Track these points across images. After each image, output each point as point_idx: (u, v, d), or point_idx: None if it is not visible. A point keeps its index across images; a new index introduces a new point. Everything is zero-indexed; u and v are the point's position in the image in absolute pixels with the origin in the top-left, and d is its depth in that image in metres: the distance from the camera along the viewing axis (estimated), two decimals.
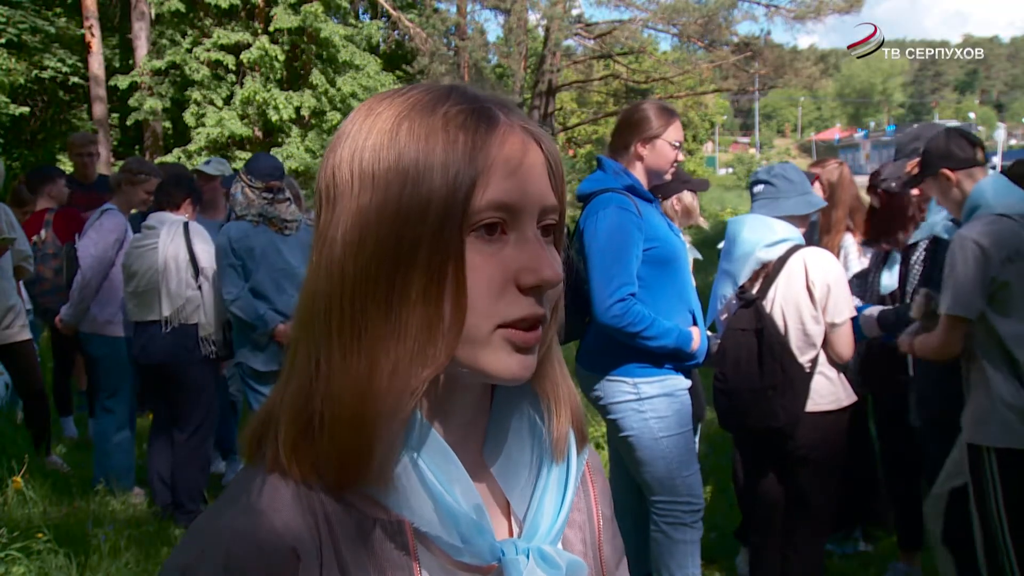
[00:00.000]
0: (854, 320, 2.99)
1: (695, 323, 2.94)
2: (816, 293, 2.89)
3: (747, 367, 2.90)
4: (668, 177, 3.06)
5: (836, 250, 3.69)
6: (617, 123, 3.05)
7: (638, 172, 2.94)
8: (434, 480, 0.65)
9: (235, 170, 5.14)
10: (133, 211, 4.77)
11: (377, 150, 0.65)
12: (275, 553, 0.62)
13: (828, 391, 2.95)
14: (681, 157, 3.04)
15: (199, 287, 4.17)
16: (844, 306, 2.90)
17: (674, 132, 2.92)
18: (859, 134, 57.56)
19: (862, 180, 4.26)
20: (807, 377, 2.92)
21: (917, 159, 3.04)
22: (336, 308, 0.65)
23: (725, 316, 3.09)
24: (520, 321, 0.66)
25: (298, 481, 0.65)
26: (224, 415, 4.82)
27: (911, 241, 3.27)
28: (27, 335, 4.69)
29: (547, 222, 0.69)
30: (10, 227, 4.56)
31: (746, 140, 78.47)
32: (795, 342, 2.92)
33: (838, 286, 2.90)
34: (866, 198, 3.84)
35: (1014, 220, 2.61)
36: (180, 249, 4.15)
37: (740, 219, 3.13)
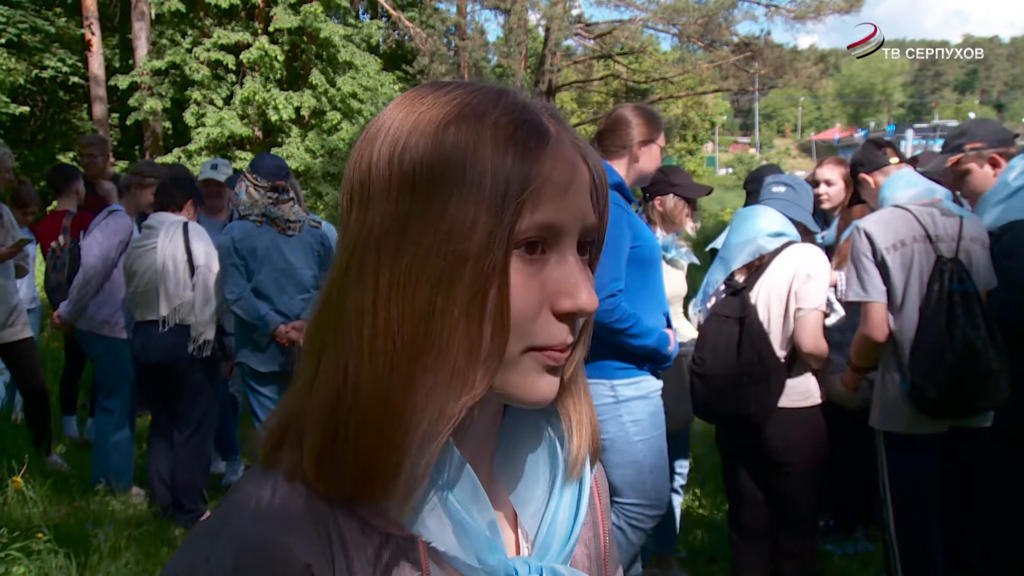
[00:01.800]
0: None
1: (668, 325, 2.96)
2: (795, 283, 2.94)
3: (726, 353, 2.94)
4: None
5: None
6: (610, 123, 3.04)
7: (629, 173, 2.97)
8: (454, 500, 0.63)
9: (237, 170, 5.15)
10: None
11: (421, 151, 0.61)
12: (288, 567, 0.59)
13: (801, 386, 2.98)
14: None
15: (194, 286, 4.17)
16: (815, 296, 2.93)
17: (663, 137, 3.04)
18: (859, 134, 57.47)
19: None
20: (784, 370, 2.95)
21: (958, 155, 3.09)
22: (369, 315, 0.61)
23: (712, 303, 3.13)
24: (551, 346, 0.64)
25: (317, 491, 0.62)
26: (224, 415, 4.82)
27: None
28: (28, 333, 4.71)
29: (585, 241, 0.67)
30: (11, 226, 4.58)
31: (746, 140, 78.40)
32: (776, 334, 2.96)
33: (818, 277, 2.94)
34: None
35: (907, 210, 2.77)
36: (178, 249, 4.15)
37: (747, 209, 3.18)
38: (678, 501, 3.83)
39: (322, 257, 4.21)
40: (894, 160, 3.18)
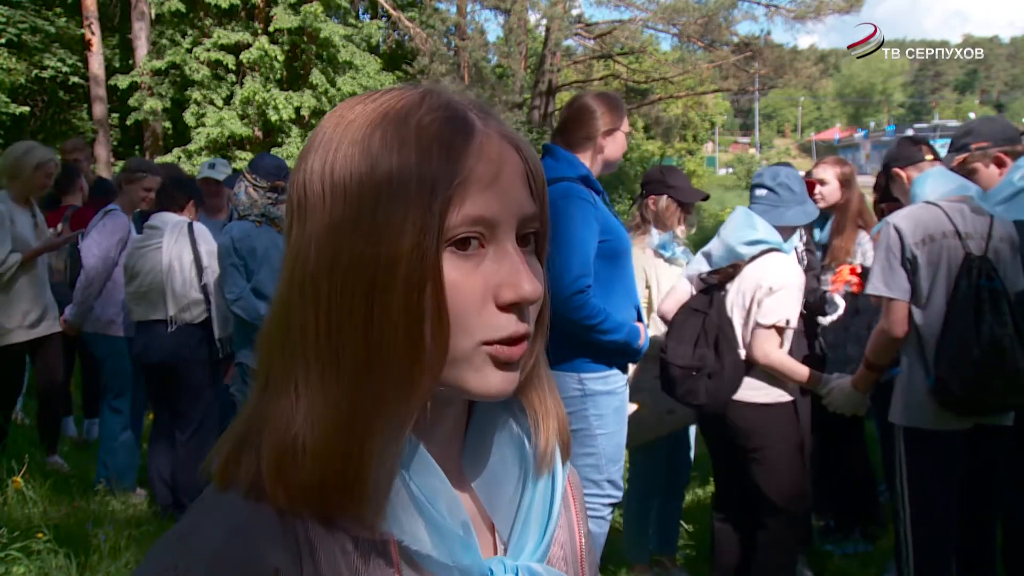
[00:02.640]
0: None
1: (639, 318, 2.97)
2: (758, 294, 2.96)
3: (685, 345, 3.01)
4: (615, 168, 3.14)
5: (852, 249, 3.69)
6: (571, 114, 3.01)
7: (595, 164, 2.96)
8: (422, 497, 0.63)
9: (236, 170, 5.17)
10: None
11: (349, 161, 0.62)
12: (256, 571, 0.59)
13: (763, 384, 3.00)
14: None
15: (204, 286, 4.19)
16: (775, 311, 2.94)
17: (627, 123, 3.03)
18: (859, 134, 57.47)
19: (863, 180, 4.32)
20: (741, 367, 2.99)
21: (964, 155, 3.08)
22: (311, 328, 0.62)
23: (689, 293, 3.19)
24: (503, 340, 0.64)
25: (283, 508, 0.61)
26: (224, 415, 4.82)
27: None
28: (57, 328, 4.71)
29: (527, 231, 0.67)
30: (43, 225, 4.66)
31: (746, 140, 78.35)
32: (738, 333, 3.02)
33: (783, 291, 2.95)
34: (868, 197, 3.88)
35: (937, 206, 2.75)
36: (184, 249, 4.17)
37: (737, 210, 3.20)
38: (682, 500, 3.83)
39: None
40: (929, 157, 3.16)
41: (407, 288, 0.61)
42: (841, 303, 3.23)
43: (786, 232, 3.09)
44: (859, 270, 3.59)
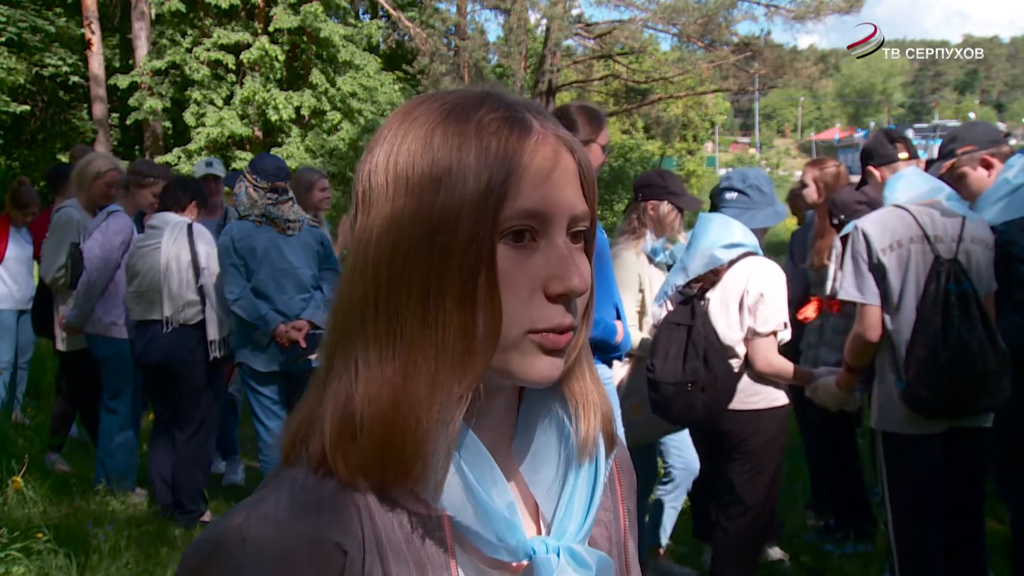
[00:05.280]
0: None
1: (618, 317, 2.99)
2: (747, 300, 2.94)
3: (673, 361, 2.98)
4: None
5: (828, 252, 3.68)
6: None
7: None
8: (472, 478, 0.67)
9: (235, 170, 5.17)
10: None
11: (412, 155, 0.67)
12: (324, 548, 0.63)
13: (758, 389, 2.99)
14: (605, 159, 3.13)
15: (200, 287, 4.18)
16: (771, 318, 2.92)
17: (604, 136, 3.02)
18: (859, 134, 57.41)
19: None
20: (734, 377, 2.96)
21: (952, 160, 3.10)
22: (371, 310, 0.66)
23: (662, 308, 3.16)
24: (550, 329, 0.67)
25: (342, 480, 0.65)
26: (224, 415, 4.82)
27: None
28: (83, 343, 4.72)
29: (578, 229, 0.70)
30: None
31: (746, 140, 78.33)
32: (726, 342, 2.98)
33: (773, 297, 2.93)
34: None
35: (906, 210, 2.74)
36: (183, 250, 4.16)
37: (706, 217, 3.15)
38: (682, 498, 3.81)
39: (322, 256, 4.21)
40: (903, 155, 3.15)
41: (462, 275, 0.65)
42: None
43: (759, 230, 3.08)
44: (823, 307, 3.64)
